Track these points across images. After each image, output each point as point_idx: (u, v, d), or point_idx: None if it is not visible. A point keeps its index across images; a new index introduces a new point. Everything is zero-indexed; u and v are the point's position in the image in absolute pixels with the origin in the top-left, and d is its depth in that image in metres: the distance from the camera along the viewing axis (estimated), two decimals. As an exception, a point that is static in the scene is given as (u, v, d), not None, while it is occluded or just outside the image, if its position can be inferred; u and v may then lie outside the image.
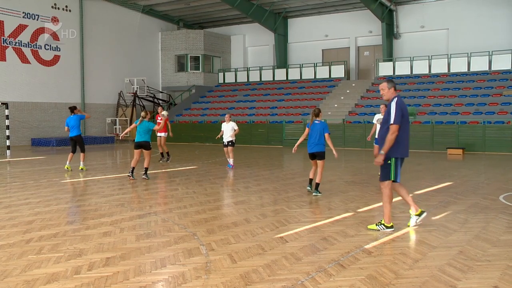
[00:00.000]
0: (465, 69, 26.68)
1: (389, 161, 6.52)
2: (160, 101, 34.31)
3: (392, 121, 6.37)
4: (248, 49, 36.92)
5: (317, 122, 9.64)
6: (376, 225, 6.79)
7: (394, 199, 9.24)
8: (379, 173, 6.78)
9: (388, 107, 6.56)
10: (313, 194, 9.75)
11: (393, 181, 6.66)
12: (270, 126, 27.17)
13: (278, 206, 8.74)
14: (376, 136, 13.27)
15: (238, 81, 34.92)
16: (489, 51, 26.15)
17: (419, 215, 6.97)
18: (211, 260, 5.41)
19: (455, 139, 21.63)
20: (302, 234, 6.62)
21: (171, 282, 4.74)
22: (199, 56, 35.10)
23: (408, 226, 6.94)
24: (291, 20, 34.48)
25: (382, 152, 6.44)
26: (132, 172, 12.31)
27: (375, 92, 27.16)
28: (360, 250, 5.79)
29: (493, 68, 25.88)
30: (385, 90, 6.72)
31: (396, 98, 6.53)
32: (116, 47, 31.82)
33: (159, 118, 16.75)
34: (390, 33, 30.26)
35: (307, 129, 9.81)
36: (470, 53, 26.61)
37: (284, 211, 8.27)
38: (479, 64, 26.33)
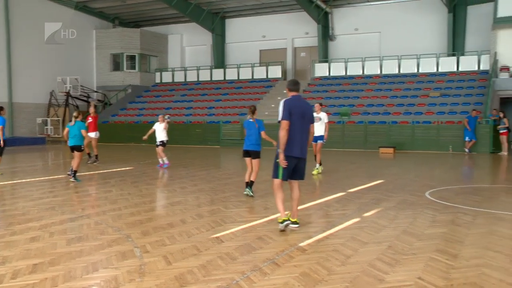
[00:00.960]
0: (395, 71, 27.77)
1: (277, 159, 6.60)
2: (93, 100, 33.33)
3: (279, 118, 6.56)
4: (186, 49, 36.61)
5: (251, 120, 9.63)
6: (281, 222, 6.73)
7: (328, 197, 9.51)
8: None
9: None
10: (244, 192, 9.76)
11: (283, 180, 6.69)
12: (207, 126, 27.09)
13: (215, 206, 8.73)
14: (315, 134, 13.58)
15: (175, 81, 34.55)
16: (417, 55, 27.36)
17: (282, 222, 6.67)
18: (145, 262, 5.32)
19: (386, 139, 22.47)
20: (238, 233, 6.64)
21: (103, 286, 4.62)
22: (135, 55, 34.42)
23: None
24: (229, 20, 34.53)
25: (279, 150, 6.53)
26: (74, 174, 11.91)
27: (312, 93, 27.73)
28: (294, 248, 5.89)
29: (420, 71, 27.10)
30: (287, 91, 6.93)
31: (285, 99, 6.67)
32: (47, 44, 30.55)
33: (89, 119, 16.24)
34: (326, 35, 30.98)
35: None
36: (400, 56, 27.72)
37: (221, 211, 8.27)
38: (408, 67, 27.49)
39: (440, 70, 26.75)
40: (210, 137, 26.63)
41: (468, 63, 26.19)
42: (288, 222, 6.69)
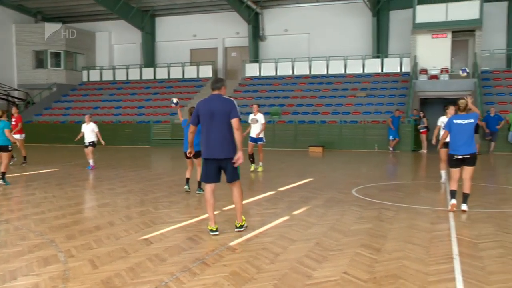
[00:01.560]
0: (324, 72, 28.52)
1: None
2: (16, 100, 31.68)
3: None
4: (114, 47, 35.62)
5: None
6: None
7: (259, 196, 9.61)
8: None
9: None
10: (196, 192, 9.73)
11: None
12: (137, 126, 26.55)
13: (144, 207, 8.57)
14: (251, 135, 13.70)
15: (103, 79, 33.56)
16: (344, 56, 28.25)
17: (211, 231, 6.50)
18: (69, 267, 5.13)
19: (316, 138, 23.02)
20: (167, 234, 6.57)
21: (23, 294, 4.41)
22: (60, 52, 33.04)
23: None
24: (159, 18, 33.98)
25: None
26: (3, 176, 11.25)
27: (242, 93, 27.90)
28: (224, 247, 5.90)
29: (348, 72, 28.01)
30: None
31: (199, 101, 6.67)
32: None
33: (13, 120, 15.44)
34: (256, 35, 31.27)
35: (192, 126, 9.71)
36: (329, 57, 28.50)
37: (150, 212, 8.13)
38: (336, 68, 28.33)
39: (366, 71, 27.79)
40: (140, 137, 26.10)
41: (392, 65, 27.40)
42: (216, 233, 6.46)
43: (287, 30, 30.87)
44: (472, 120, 7.91)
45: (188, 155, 7.12)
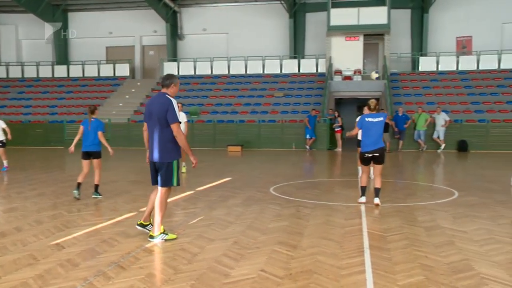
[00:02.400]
0: (242, 72, 28.75)
1: None
2: None
3: None
4: (22, 42, 33.66)
5: (93, 120, 9.32)
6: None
7: (177, 197, 9.51)
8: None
9: None
10: (93, 196, 9.40)
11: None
12: (50, 126, 25.33)
13: (57, 211, 8.19)
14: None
15: (10, 76, 31.63)
16: (262, 56, 28.65)
17: (164, 233, 6.26)
18: (-29, 277, 4.79)
19: (234, 137, 23.16)
20: (80, 238, 6.32)
21: None
22: (-40, 47, 30.71)
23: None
24: (72, 14, 32.54)
25: None
26: None
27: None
28: (140, 249, 5.78)
29: (266, 72, 28.44)
30: None
31: None
32: None
33: None
34: (175, 34, 30.89)
35: (81, 127, 9.43)
36: (247, 57, 28.78)
37: (63, 215, 7.78)
38: (254, 67, 28.67)
39: (283, 71, 28.35)
40: (53, 137, 24.91)
41: (308, 66, 28.18)
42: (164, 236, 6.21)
43: (205, 29, 30.77)
44: (381, 119, 8.37)
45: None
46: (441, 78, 26.15)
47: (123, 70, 30.56)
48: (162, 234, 6.14)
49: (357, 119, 11.10)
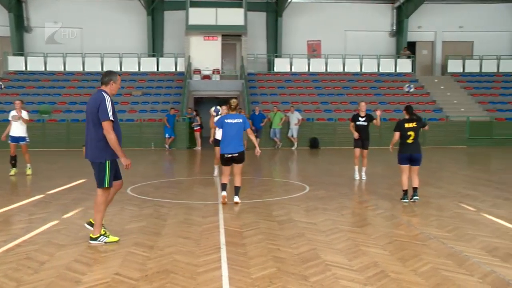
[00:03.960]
0: (99, 69, 27.46)
1: None
2: None
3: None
4: None
5: None
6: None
7: (24, 202, 8.79)
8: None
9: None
10: None
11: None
12: None
13: None
14: (11, 134, 12.34)
15: None
16: (119, 53, 27.68)
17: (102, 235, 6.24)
18: None
19: (90, 137, 22.05)
20: None
21: None
22: None
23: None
24: None
25: None
26: None
27: (6, 88, 25.18)
28: (-21, 262, 5.25)
29: (123, 69, 27.47)
30: None
31: None
32: None
33: None
34: (20, 25, 28.46)
35: None
36: (103, 53, 27.59)
37: None
38: (111, 65, 27.50)
39: (142, 69, 27.72)
40: None
41: (167, 65, 27.91)
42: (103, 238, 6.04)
43: (57, 22, 28.76)
44: (240, 120, 8.54)
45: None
46: (294, 79, 27.68)
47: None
48: (102, 236, 6.00)
49: (214, 115, 11.14)
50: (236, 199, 8.56)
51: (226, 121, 8.52)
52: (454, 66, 29.09)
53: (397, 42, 30.21)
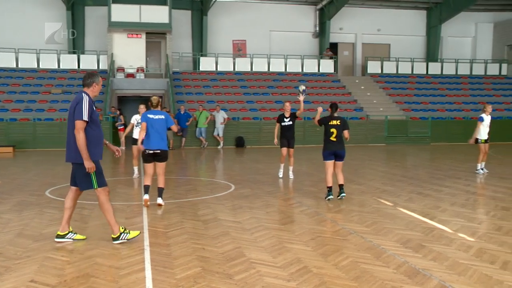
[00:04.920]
0: (13, 65, 26.03)
1: None
2: None
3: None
4: None
5: None
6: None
7: None
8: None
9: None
10: None
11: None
12: None
13: None
14: None
15: None
16: (36, 49, 26.32)
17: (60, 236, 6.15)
18: None
19: (5, 137, 20.89)
20: None
21: None
22: None
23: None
24: None
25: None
26: None
27: None
28: None
29: (41, 67, 26.24)
30: None
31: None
32: None
33: None
34: None
35: None
36: (18, 49, 26.10)
37: None
38: (29, 62, 26.22)
39: (62, 67, 26.53)
40: None
41: (88, 62, 26.84)
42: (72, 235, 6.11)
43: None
44: (163, 117, 8.38)
45: None
46: (220, 78, 27.68)
47: None
48: (123, 233, 5.97)
49: (133, 119, 10.97)
50: (160, 201, 8.33)
51: (148, 116, 8.34)
52: (373, 67, 30.36)
53: (320, 43, 31.05)
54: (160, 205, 8.30)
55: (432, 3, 31.41)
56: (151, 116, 8.32)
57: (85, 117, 5.68)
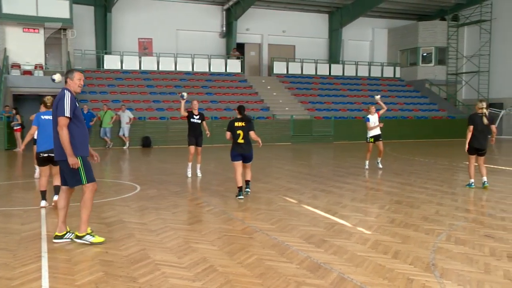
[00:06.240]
0: None
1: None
2: None
3: None
4: None
5: None
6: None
7: None
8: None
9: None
10: None
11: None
12: None
13: None
14: None
15: None
16: None
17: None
18: None
19: None
20: None
21: None
22: None
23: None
24: None
25: None
26: None
27: None
28: None
29: None
30: None
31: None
32: None
33: None
34: None
35: None
36: None
37: None
38: None
39: None
40: None
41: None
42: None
43: None
44: (57, 118, 7.97)
45: None
46: (125, 77, 26.92)
47: None
48: (89, 235, 5.87)
49: (31, 117, 10.43)
50: (56, 198, 7.91)
51: (42, 117, 7.87)
52: (279, 67, 31.12)
53: (227, 43, 31.26)
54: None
55: (333, 7, 32.81)
56: (45, 117, 7.80)
57: (68, 113, 5.67)
